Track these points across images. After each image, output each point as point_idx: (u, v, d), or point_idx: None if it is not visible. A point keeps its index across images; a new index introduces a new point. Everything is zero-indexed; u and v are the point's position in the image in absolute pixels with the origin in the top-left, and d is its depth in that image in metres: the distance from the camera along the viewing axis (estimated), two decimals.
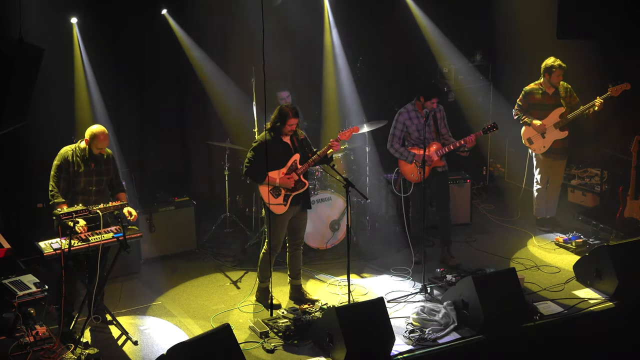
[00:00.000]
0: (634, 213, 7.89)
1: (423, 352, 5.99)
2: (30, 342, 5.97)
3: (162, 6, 8.24)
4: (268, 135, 6.61)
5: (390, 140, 7.48)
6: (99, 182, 6.34)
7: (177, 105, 8.87)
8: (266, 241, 6.76)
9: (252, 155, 6.59)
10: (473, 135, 7.27)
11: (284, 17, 8.73)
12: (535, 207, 8.57)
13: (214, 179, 9.00)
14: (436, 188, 7.53)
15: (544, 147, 8.20)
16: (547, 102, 8.11)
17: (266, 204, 6.62)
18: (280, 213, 6.63)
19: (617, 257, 6.75)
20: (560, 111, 8.04)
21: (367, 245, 8.12)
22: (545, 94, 8.10)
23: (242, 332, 6.35)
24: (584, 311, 6.62)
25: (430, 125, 7.35)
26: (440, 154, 7.35)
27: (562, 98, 8.08)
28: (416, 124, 7.37)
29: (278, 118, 6.56)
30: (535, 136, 8.18)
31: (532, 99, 8.16)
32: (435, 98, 7.27)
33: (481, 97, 9.46)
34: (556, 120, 8.06)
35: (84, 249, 6.03)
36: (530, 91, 8.16)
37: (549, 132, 8.11)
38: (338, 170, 7.08)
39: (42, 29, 6.97)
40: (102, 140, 6.21)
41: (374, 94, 9.15)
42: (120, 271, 7.13)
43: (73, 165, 6.23)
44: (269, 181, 6.56)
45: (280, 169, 6.61)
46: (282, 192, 6.63)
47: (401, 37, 9.33)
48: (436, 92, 7.32)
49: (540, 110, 8.14)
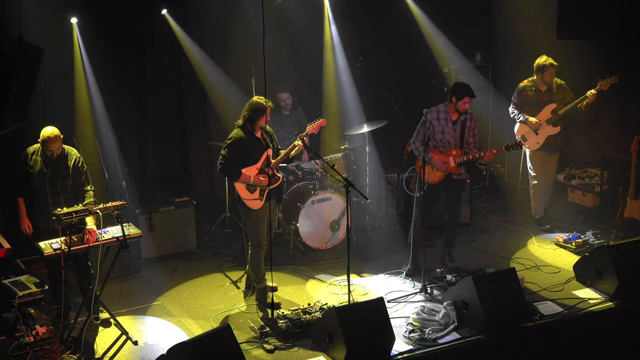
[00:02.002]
0: (634, 213, 7.89)
1: (423, 352, 5.99)
2: (30, 342, 5.98)
3: (162, 6, 8.24)
4: (241, 131, 6.63)
5: (415, 136, 7.28)
6: (53, 185, 6.28)
7: (177, 105, 8.86)
8: (249, 241, 6.78)
9: (227, 152, 6.61)
10: (494, 150, 7.16)
11: (284, 17, 8.73)
12: (533, 206, 8.61)
13: (214, 179, 9.00)
14: (449, 193, 7.38)
15: (538, 143, 8.30)
16: (540, 99, 8.22)
17: (242, 199, 6.64)
18: (257, 208, 6.65)
19: (617, 257, 6.76)
20: (551, 107, 8.16)
21: (367, 245, 8.12)
22: (538, 91, 8.21)
23: (242, 332, 6.35)
24: (584, 311, 6.62)
25: (456, 130, 7.19)
26: (457, 162, 7.20)
27: (554, 94, 8.19)
28: (442, 125, 7.20)
29: (254, 112, 6.57)
30: (529, 133, 8.28)
31: (525, 95, 8.28)
32: (467, 97, 7.07)
33: (481, 97, 9.46)
34: (548, 117, 8.18)
35: (84, 249, 6.04)
36: (524, 88, 8.28)
37: (542, 129, 8.22)
38: (338, 170, 7.09)
39: (42, 29, 6.97)
40: (52, 142, 6.16)
41: (374, 94, 9.15)
42: (120, 271, 7.13)
43: (28, 163, 6.27)
44: (244, 179, 6.60)
45: (255, 165, 6.64)
46: (257, 187, 6.64)
47: (401, 37, 9.33)
48: (467, 91, 7.09)
49: (533, 107, 8.26)
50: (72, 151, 6.41)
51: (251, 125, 6.63)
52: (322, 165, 8.04)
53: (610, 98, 8.22)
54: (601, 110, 8.70)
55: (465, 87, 7.16)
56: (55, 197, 6.29)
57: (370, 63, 9.08)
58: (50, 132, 6.17)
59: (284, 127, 8.25)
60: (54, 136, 6.16)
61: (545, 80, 8.11)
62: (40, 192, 6.28)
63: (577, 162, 9.54)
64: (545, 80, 8.11)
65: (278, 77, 8.31)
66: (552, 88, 8.19)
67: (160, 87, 8.63)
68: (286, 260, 7.81)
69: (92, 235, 6.05)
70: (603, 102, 8.14)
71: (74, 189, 6.37)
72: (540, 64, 8.07)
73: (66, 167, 6.31)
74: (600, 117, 9.00)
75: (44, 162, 6.25)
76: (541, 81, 8.14)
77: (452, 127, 7.18)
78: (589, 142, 9.46)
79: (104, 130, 7.80)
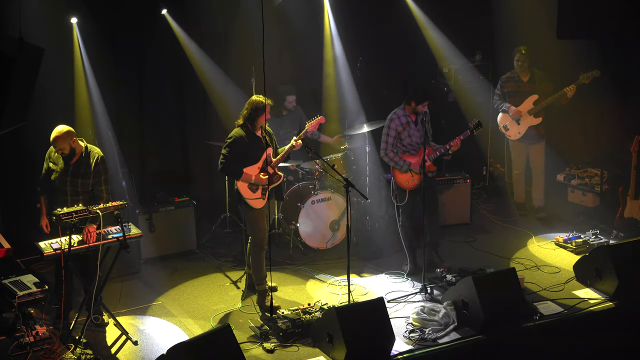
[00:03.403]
0: (634, 213, 7.89)
1: (423, 352, 5.99)
2: (30, 342, 5.98)
3: (162, 6, 8.24)
4: (241, 130, 6.63)
5: (384, 148, 7.31)
6: (73, 183, 6.28)
7: (177, 105, 8.86)
8: (250, 239, 6.77)
9: (227, 151, 6.61)
10: (458, 139, 7.16)
11: (284, 17, 8.73)
12: (516, 193, 8.86)
13: (214, 179, 8.99)
14: (426, 192, 7.27)
15: (519, 133, 8.51)
16: (522, 90, 8.42)
17: (244, 199, 6.64)
18: (260, 207, 6.65)
19: (617, 257, 6.76)
20: (534, 98, 8.35)
21: (367, 245, 8.12)
22: (521, 82, 8.43)
23: (242, 332, 6.35)
24: (584, 311, 6.62)
25: (420, 130, 7.22)
26: (432, 159, 7.24)
27: (536, 86, 8.37)
28: (407, 129, 7.25)
29: (254, 110, 6.58)
30: (511, 123, 8.50)
31: (507, 86, 8.53)
32: (427, 101, 7.13)
33: (481, 97, 9.46)
34: (530, 107, 8.35)
35: (83, 249, 6.04)
36: (507, 79, 8.55)
37: (524, 119, 8.40)
38: (338, 170, 7.09)
39: (42, 29, 6.97)
40: (57, 140, 6.16)
41: (374, 94, 9.14)
42: (120, 271, 7.13)
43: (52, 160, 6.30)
44: (245, 178, 6.60)
45: (255, 164, 6.64)
46: (259, 186, 6.64)
47: (401, 37, 9.33)
48: (428, 96, 7.16)
49: (515, 97, 8.46)
50: (94, 149, 6.42)
51: (251, 124, 6.63)
52: (322, 165, 8.04)
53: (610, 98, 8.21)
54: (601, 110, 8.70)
55: (426, 92, 7.22)
56: (75, 195, 6.29)
57: (370, 63, 9.08)
58: (56, 131, 6.18)
59: (283, 127, 8.25)
60: (60, 135, 6.17)
61: (517, 69, 8.38)
62: (60, 190, 6.29)
63: (577, 162, 9.54)
64: (517, 69, 8.38)
65: (278, 78, 8.31)
66: (534, 79, 8.39)
67: (160, 87, 8.62)
68: (286, 260, 7.81)
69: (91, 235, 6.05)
70: (603, 102, 8.14)
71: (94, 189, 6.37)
72: (515, 54, 8.36)
73: (88, 164, 6.32)
74: (600, 117, 8.99)
75: (64, 159, 6.27)
76: (516, 70, 8.40)
77: (415, 128, 7.22)
78: (589, 142, 9.46)
79: (104, 130, 7.80)
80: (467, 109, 9.33)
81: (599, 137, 9.29)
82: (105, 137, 7.72)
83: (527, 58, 8.31)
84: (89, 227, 6.07)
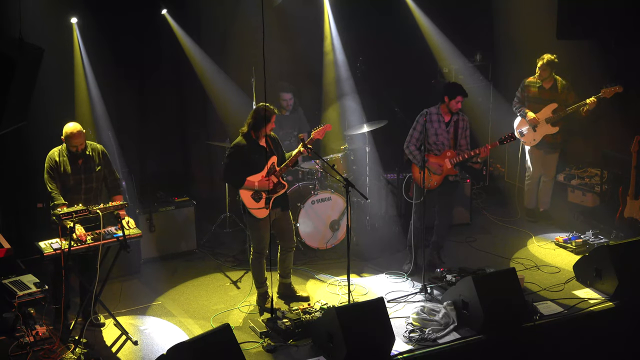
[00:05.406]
0: (634, 213, 7.89)
1: (423, 352, 5.99)
2: (30, 342, 5.98)
3: (162, 6, 8.24)
4: (243, 139, 6.56)
5: (408, 140, 7.22)
6: (88, 179, 6.31)
7: (177, 105, 8.87)
8: (252, 247, 6.77)
9: (229, 161, 6.56)
10: (489, 146, 7.12)
11: (284, 17, 8.73)
12: (526, 199, 8.77)
13: (214, 179, 9.00)
14: (443, 196, 7.33)
15: (535, 140, 8.39)
16: (543, 97, 8.28)
17: (247, 208, 6.61)
18: (263, 217, 6.61)
19: (617, 257, 6.76)
20: (553, 107, 8.21)
21: (367, 245, 8.12)
22: (542, 89, 8.29)
23: (242, 332, 6.35)
24: (584, 311, 6.62)
25: (450, 132, 7.15)
26: (453, 162, 7.16)
27: (558, 94, 8.21)
28: (436, 127, 7.15)
29: (260, 119, 6.45)
30: (528, 129, 8.37)
31: (528, 91, 8.38)
32: (460, 96, 7.02)
33: (481, 97, 9.46)
34: (548, 116, 8.22)
35: (83, 249, 6.04)
36: (528, 84, 8.39)
37: (541, 127, 8.28)
38: (338, 170, 7.08)
39: (42, 29, 6.96)
40: (76, 137, 6.18)
41: (374, 94, 9.14)
42: (120, 271, 7.13)
43: (60, 166, 6.25)
44: (248, 185, 6.55)
45: (260, 173, 6.58)
46: (263, 195, 6.59)
47: (401, 36, 9.33)
48: (460, 91, 7.05)
49: (535, 103, 8.33)
50: (95, 144, 6.45)
51: (255, 132, 6.53)
52: (322, 165, 8.04)
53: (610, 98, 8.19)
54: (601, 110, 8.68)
55: (457, 87, 7.15)
56: (88, 193, 6.32)
57: (370, 63, 9.08)
58: (72, 127, 6.20)
59: (283, 128, 8.24)
60: (77, 131, 6.20)
61: (540, 77, 8.24)
62: (75, 190, 6.28)
63: (577, 162, 9.54)
64: (540, 77, 8.24)
65: (278, 77, 8.31)
66: (557, 87, 8.23)
67: (160, 87, 8.63)
68: None
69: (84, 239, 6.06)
70: (603, 102, 8.14)
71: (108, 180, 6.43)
72: (538, 61, 8.21)
73: (94, 158, 6.35)
74: (601, 117, 8.99)
75: (71, 160, 6.26)
76: (540, 78, 8.25)
77: (445, 129, 7.16)
78: (589, 142, 9.46)
79: (104, 130, 7.80)
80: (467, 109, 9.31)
81: (599, 137, 9.30)
82: (105, 137, 7.72)
83: (548, 67, 8.11)
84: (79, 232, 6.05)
